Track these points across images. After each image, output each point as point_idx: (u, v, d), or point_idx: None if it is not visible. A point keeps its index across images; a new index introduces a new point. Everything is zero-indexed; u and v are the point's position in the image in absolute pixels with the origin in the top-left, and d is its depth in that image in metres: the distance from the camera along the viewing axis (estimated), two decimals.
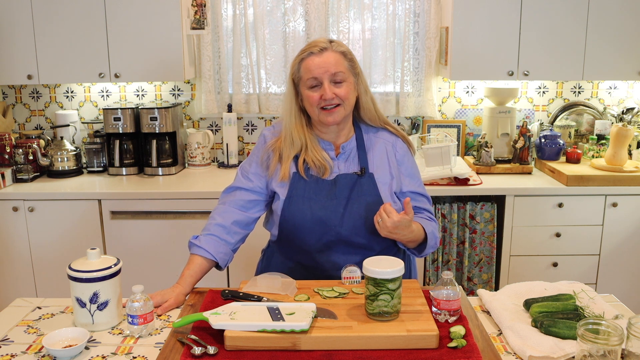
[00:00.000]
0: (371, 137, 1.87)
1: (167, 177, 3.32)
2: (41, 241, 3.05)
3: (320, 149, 1.82)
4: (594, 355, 1.29)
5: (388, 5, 3.38)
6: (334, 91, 1.74)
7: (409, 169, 1.87)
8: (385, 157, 1.85)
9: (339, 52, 1.77)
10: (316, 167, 1.79)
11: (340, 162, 1.84)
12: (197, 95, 3.56)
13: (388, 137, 1.88)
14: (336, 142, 1.85)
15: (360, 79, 1.82)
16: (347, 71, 1.77)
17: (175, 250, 3.04)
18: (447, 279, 1.54)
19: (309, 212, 1.76)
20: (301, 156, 1.80)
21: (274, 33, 3.47)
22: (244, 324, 1.41)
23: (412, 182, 1.87)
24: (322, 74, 1.73)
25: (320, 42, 1.77)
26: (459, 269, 3.13)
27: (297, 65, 1.78)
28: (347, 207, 1.77)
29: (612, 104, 3.57)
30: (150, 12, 3.12)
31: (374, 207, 1.76)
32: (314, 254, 1.81)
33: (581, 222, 3.03)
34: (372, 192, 1.79)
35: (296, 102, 1.81)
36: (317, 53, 1.75)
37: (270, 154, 1.85)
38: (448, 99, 3.58)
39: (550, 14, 3.10)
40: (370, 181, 1.80)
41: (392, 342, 1.39)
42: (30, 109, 3.61)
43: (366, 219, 1.77)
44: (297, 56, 1.79)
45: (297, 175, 1.79)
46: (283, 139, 1.83)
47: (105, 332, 1.55)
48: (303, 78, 1.76)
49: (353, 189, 1.78)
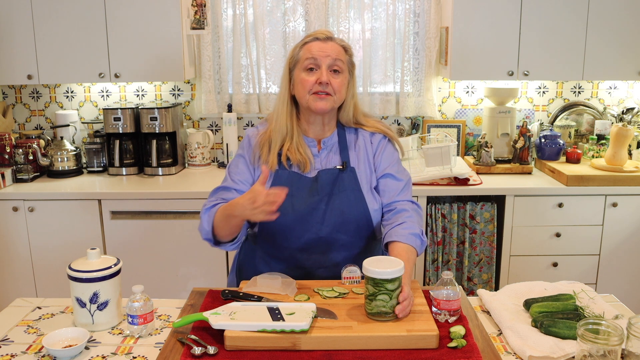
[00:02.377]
0: (352, 133, 1.88)
1: (167, 177, 3.32)
2: (41, 241, 3.05)
3: (303, 143, 1.82)
4: (594, 355, 1.29)
5: (388, 5, 3.38)
6: (330, 79, 1.74)
7: (386, 155, 1.85)
8: (364, 151, 1.85)
9: (342, 45, 1.79)
10: (298, 161, 1.78)
11: (322, 157, 1.83)
12: (197, 95, 3.56)
13: (366, 134, 1.88)
14: (319, 137, 1.85)
15: (352, 81, 1.82)
16: (345, 64, 1.78)
17: (175, 250, 3.04)
18: (447, 279, 1.54)
19: (290, 209, 1.74)
20: (284, 150, 1.79)
21: (274, 33, 3.47)
22: (244, 324, 1.41)
23: (389, 167, 1.84)
24: (322, 58, 1.74)
25: (325, 32, 1.79)
26: (459, 269, 3.13)
27: (297, 49, 1.79)
28: (329, 203, 1.76)
29: (612, 104, 3.57)
30: (150, 12, 3.12)
31: (355, 203, 1.76)
32: (295, 252, 1.79)
33: (581, 222, 3.03)
34: (354, 187, 1.78)
35: (288, 90, 1.81)
36: (322, 40, 1.77)
37: (258, 152, 1.82)
38: (448, 99, 3.58)
39: (550, 14, 3.10)
40: (351, 176, 1.80)
41: (392, 342, 1.39)
42: (30, 109, 3.62)
43: (348, 215, 1.76)
44: (300, 41, 1.81)
45: (279, 171, 1.78)
46: (272, 129, 1.81)
47: (105, 332, 1.55)
48: (301, 59, 1.76)
49: (335, 184, 1.78)
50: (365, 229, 1.80)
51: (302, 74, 1.75)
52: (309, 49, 1.76)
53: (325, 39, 1.77)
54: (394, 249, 1.67)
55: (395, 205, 1.81)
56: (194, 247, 3.02)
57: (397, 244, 1.68)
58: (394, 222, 1.75)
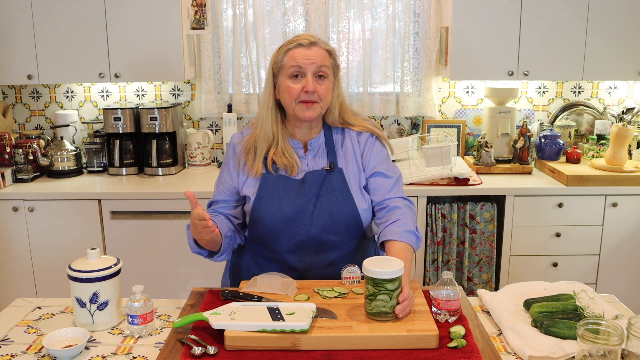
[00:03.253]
0: (339, 133, 1.86)
1: (167, 177, 3.32)
2: (41, 241, 3.05)
3: (289, 147, 1.80)
4: (594, 355, 1.28)
5: (388, 5, 3.38)
6: (315, 86, 1.72)
7: (374, 154, 1.84)
8: (352, 151, 1.84)
9: (325, 49, 1.76)
10: (284, 165, 1.77)
11: (309, 159, 1.82)
12: (197, 95, 3.56)
13: (353, 133, 1.86)
14: (305, 139, 1.84)
15: (337, 82, 1.80)
16: (330, 69, 1.76)
17: (175, 250, 3.04)
18: (447, 279, 1.54)
19: (278, 212, 1.74)
20: (270, 155, 1.78)
21: (274, 33, 3.47)
22: (244, 324, 1.41)
23: (378, 164, 1.83)
24: (307, 65, 1.71)
25: (308, 37, 1.76)
26: (459, 269, 3.13)
27: (281, 55, 1.76)
28: (317, 204, 1.76)
29: (612, 104, 3.57)
30: (150, 12, 3.12)
31: (344, 203, 1.76)
32: (285, 254, 1.79)
33: (581, 222, 3.03)
34: (342, 187, 1.77)
35: (273, 95, 1.79)
36: (305, 45, 1.73)
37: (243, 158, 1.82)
38: (448, 99, 3.58)
39: (550, 14, 3.10)
40: (339, 176, 1.79)
41: (392, 342, 1.39)
42: (30, 109, 3.62)
43: (336, 216, 1.75)
44: (282, 46, 1.77)
45: (266, 175, 1.78)
46: (257, 134, 1.80)
47: (105, 332, 1.55)
48: (285, 66, 1.74)
49: (322, 185, 1.77)
50: (355, 228, 1.80)
51: (288, 82, 1.73)
52: (292, 56, 1.72)
53: (309, 45, 1.73)
54: (391, 248, 1.67)
55: (388, 202, 1.80)
56: None
57: (393, 243, 1.67)
58: (388, 220, 1.74)
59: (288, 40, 1.78)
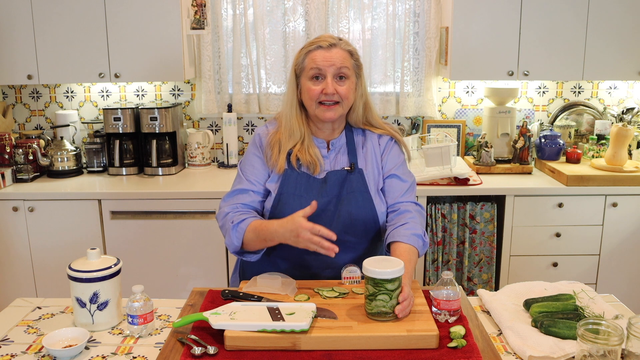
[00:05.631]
0: (359, 134, 1.88)
1: (167, 177, 3.32)
2: (41, 241, 3.05)
3: (314, 145, 1.82)
4: (594, 355, 1.28)
5: (388, 5, 3.38)
6: (336, 88, 1.73)
7: (392, 156, 1.86)
8: (372, 153, 1.85)
9: (346, 50, 1.77)
10: (307, 163, 1.78)
11: (331, 159, 1.83)
12: (197, 95, 3.56)
13: (374, 135, 1.88)
14: (328, 138, 1.86)
15: (360, 82, 1.81)
16: (351, 69, 1.77)
17: (175, 250, 3.04)
18: (447, 279, 1.54)
19: (299, 209, 1.74)
20: (294, 151, 1.79)
21: (274, 33, 3.47)
22: (244, 324, 1.41)
23: (395, 167, 1.85)
24: (327, 67, 1.73)
25: (329, 38, 1.77)
26: (459, 269, 3.13)
27: (302, 57, 1.78)
28: (338, 205, 1.77)
29: (612, 104, 3.57)
30: (150, 12, 3.12)
31: (363, 205, 1.76)
32: (303, 252, 1.78)
33: (581, 222, 3.03)
34: (362, 189, 1.78)
35: (296, 94, 1.81)
36: (325, 48, 1.75)
37: (269, 152, 1.83)
38: (448, 99, 3.58)
39: (550, 14, 3.10)
40: (359, 178, 1.80)
41: (392, 342, 1.39)
42: (30, 109, 3.62)
43: (356, 217, 1.76)
44: (303, 48, 1.79)
45: (288, 172, 1.79)
46: (283, 131, 1.82)
47: (105, 332, 1.55)
48: (306, 68, 1.76)
49: (343, 186, 1.78)
50: (372, 230, 1.81)
51: (308, 83, 1.76)
52: (313, 59, 1.74)
53: (329, 47, 1.75)
54: (396, 249, 1.68)
55: (399, 206, 1.81)
56: (194, 247, 3.02)
57: (398, 245, 1.68)
58: (397, 223, 1.76)
59: (309, 42, 1.80)
